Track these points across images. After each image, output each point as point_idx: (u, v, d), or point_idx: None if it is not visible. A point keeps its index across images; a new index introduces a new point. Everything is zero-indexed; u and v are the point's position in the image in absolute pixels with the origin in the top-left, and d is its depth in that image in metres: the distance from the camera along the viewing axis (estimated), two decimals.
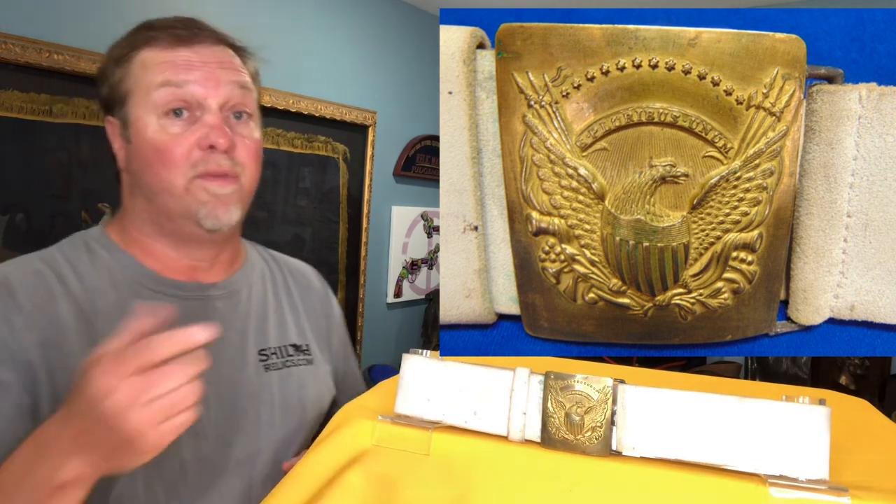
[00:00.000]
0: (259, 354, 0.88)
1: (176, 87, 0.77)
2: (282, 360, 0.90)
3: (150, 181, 0.79)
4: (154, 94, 0.78)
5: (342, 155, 2.64)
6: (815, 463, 0.47)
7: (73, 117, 1.81)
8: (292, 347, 0.93)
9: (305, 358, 0.93)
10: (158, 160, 0.78)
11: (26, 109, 1.72)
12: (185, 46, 0.79)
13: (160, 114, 0.78)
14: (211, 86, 0.79)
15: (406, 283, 3.00)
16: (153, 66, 0.78)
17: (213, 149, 0.78)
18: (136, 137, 0.79)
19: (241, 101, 0.81)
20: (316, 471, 0.60)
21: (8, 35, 1.66)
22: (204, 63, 0.79)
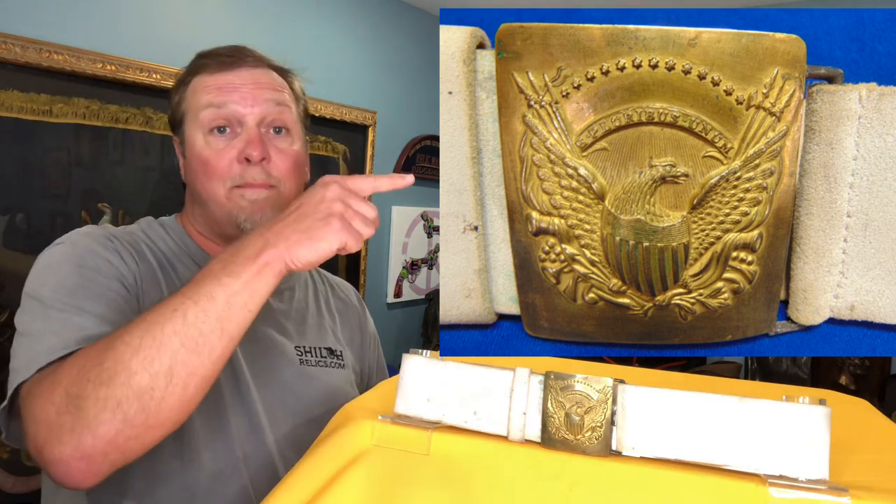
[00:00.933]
0: (296, 350, 0.95)
1: (217, 107, 0.88)
2: (315, 359, 0.97)
3: (199, 190, 0.90)
4: (200, 114, 0.89)
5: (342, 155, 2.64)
6: (815, 463, 0.47)
7: (73, 117, 1.81)
8: (327, 350, 1.00)
9: (338, 362, 1.00)
10: (204, 172, 0.89)
11: (26, 109, 1.72)
12: (228, 71, 0.90)
13: (206, 131, 0.89)
14: (248, 104, 0.88)
15: (406, 283, 3.00)
16: (201, 90, 0.90)
17: (248, 161, 0.87)
18: (188, 152, 0.91)
19: (278, 117, 0.91)
20: (316, 471, 0.60)
21: (8, 35, 1.66)
22: (242, 84, 0.89)
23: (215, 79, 0.90)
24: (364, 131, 2.71)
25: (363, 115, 2.68)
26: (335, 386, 0.97)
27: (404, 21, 2.90)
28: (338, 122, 2.58)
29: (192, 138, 0.90)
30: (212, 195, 0.89)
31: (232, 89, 0.89)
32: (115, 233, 0.88)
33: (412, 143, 2.93)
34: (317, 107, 2.47)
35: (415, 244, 3.02)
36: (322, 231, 0.71)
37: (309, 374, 0.94)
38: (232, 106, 0.88)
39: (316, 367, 0.96)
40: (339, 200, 0.72)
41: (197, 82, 0.91)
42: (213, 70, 0.90)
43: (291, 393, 0.92)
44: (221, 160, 0.88)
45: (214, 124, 0.88)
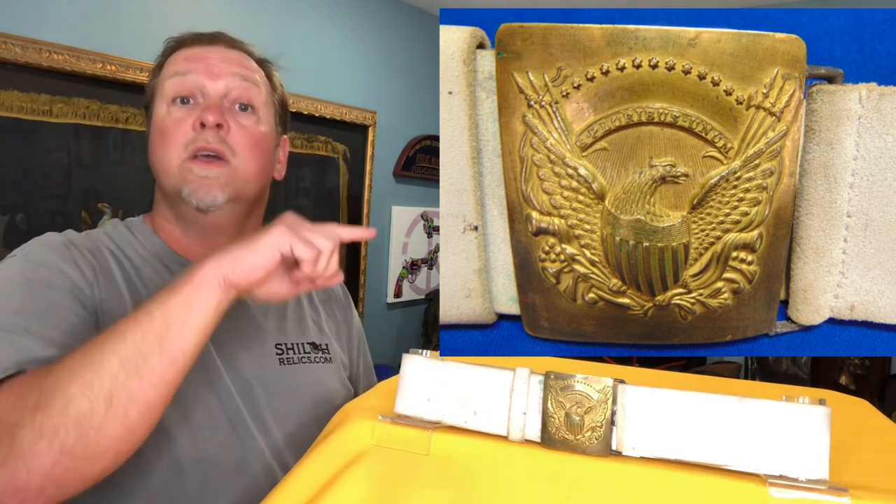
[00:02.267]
0: (275, 348, 0.91)
1: (181, 76, 0.84)
2: (298, 356, 0.93)
3: (155, 163, 0.86)
4: (165, 84, 0.85)
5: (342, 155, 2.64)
6: (815, 463, 0.47)
7: (73, 117, 1.81)
8: (310, 345, 0.95)
9: (324, 356, 0.96)
10: (160, 142, 0.84)
11: (26, 109, 1.72)
12: (200, 46, 0.87)
13: (169, 102, 0.84)
14: (212, 75, 0.85)
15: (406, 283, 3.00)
16: (170, 64, 0.87)
17: (203, 126, 0.82)
18: (150, 125, 0.87)
19: (244, 94, 0.87)
20: (316, 471, 0.60)
21: (8, 35, 1.66)
22: (208, 56, 0.86)
23: (186, 52, 0.87)
24: (364, 131, 2.71)
25: (363, 115, 2.68)
26: (322, 382, 0.93)
27: (404, 21, 2.90)
28: (338, 122, 2.58)
29: (156, 110, 0.86)
30: (165, 166, 0.84)
31: (198, 60, 0.86)
32: (75, 240, 0.83)
33: (412, 143, 2.93)
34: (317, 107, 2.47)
35: (415, 244, 3.02)
36: (264, 238, 0.67)
37: (293, 373, 0.91)
38: (195, 75, 0.85)
39: (299, 363, 0.92)
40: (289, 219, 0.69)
41: (170, 59, 0.88)
42: (188, 45, 0.88)
43: (276, 395, 0.88)
44: (179, 129, 0.83)
45: (178, 94, 0.84)
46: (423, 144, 2.98)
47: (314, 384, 0.92)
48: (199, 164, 0.83)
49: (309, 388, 0.91)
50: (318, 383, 0.92)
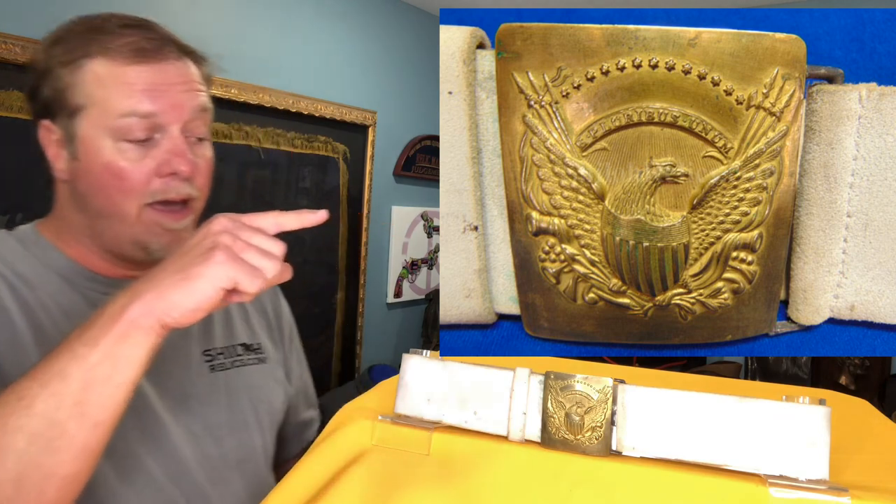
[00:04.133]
0: (204, 355, 0.84)
1: (143, 118, 0.73)
2: (230, 360, 0.86)
3: (101, 205, 0.75)
4: (117, 121, 0.73)
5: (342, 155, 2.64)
6: (815, 463, 0.47)
7: None
8: (241, 347, 0.89)
9: (257, 357, 0.90)
10: (114, 186, 0.73)
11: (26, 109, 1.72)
12: (149, 63, 0.74)
13: (119, 138, 0.73)
14: (176, 115, 0.75)
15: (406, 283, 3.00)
16: (114, 87, 0.73)
17: (173, 175, 0.74)
18: (86, 157, 0.74)
19: (203, 126, 0.78)
20: (316, 471, 0.60)
21: (8, 35, 1.66)
22: (170, 86, 0.75)
23: (137, 75, 0.73)
24: (364, 131, 2.71)
25: (363, 115, 2.68)
26: (258, 385, 0.88)
27: (404, 21, 2.90)
28: (338, 122, 2.58)
29: (96, 141, 0.73)
30: (119, 212, 0.74)
31: (159, 94, 0.73)
32: None
33: (412, 143, 2.93)
34: (317, 107, 2.47)
35: (415, 244, 3.02)
36: (200, 267, 0.56)
37: (226, 381, 0.84)
38: (161, 117, 0.73)
39: (232, 368, 0.85)
40: (225, 232, 0.58)
41: (104, 71, 0.73)
42: (127, 59, 0.73)
43: (212, 404, 0.82)
44: (137, 173, 0.73)
45: (135, 137, 0.73)
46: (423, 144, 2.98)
47: (250, 388, 0.87)
48: (168, 216, 0.75)
49: (245, 392, 0.86)
50: (253, 387, 0.87)
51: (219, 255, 0.56)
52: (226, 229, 0.58)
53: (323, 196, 2.59)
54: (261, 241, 0.59)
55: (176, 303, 0.56)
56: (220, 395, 0.83)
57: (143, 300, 0.57)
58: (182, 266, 0.57)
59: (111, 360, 0.56)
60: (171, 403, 0.78)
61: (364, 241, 2.75)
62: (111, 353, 0.56)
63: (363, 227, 2.74)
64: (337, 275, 2.67)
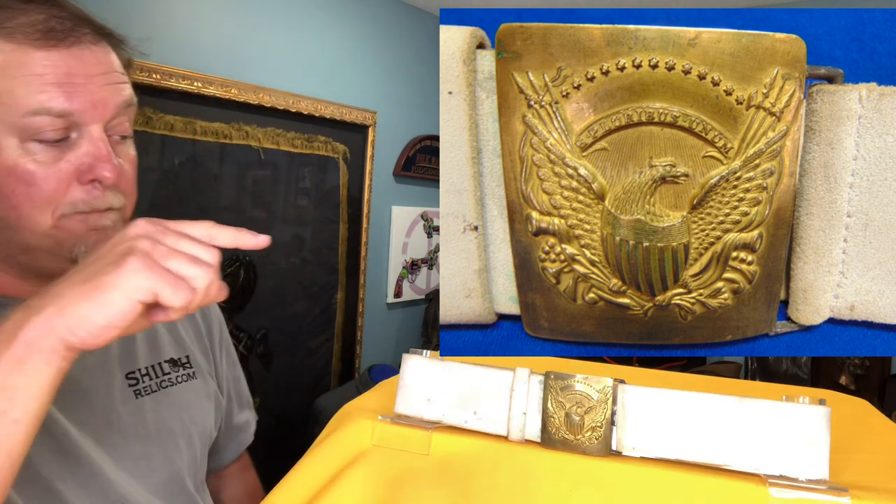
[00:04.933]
0: (127, 379, 0.76)
1: (57, 116, 0.62)
2: (157, 381, 0.78)
3: (5, 215, 0.63)
4: (23, 119, 0.61)
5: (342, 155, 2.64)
6: (815, 463, 0.47)
7: None
8: (168, 364, 0.80)
9: (186, 373, 0.82)
10: (22, 193, 0.62)
11: None
12: (59, 48, 0.62)
13: (25, 137, 0.62)
14: (97, 114, 0.64)
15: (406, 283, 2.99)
16: (18, 77, 0.61)
17: (94, 182, 0.64)
18: None
19: (127, 123, 0.69)
20: (316, 471, 0.60)
21: None
22: (88, 79, 0.63)
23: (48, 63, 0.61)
24: (364, 131, 2.71)
25: (363, 115, 2.68)
26: (188, 404, 0.80)
27: (404, 21, 2.90)
28: (338, 122, 2.58)
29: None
30: (27, 223, 0.63)
31: (75, 88, 0.62)
32: None
33: (412, 143, 2.93)
34: (317, 107, 2.47)
35: (415, 244, 3.02)
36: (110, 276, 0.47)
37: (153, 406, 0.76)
38: (78, 116, 0.62)
39: (160, 390, 0.77)
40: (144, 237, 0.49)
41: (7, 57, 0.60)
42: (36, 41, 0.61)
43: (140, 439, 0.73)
44: (51, 179, 0.62)
45: (46, 137, 0.62)
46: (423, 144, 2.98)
47: (180, 409, 0.79)
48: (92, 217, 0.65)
49: (175, 414, 0.78)
50: (184, 408, 0.80)
51: (133, 261, 0.47)
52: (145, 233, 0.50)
53: (323, 196, 2.59)
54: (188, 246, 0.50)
55: (82, 318, 0.47)
56: (148, 424, 0.75)
57: (42, 317, 0.47)
58: (89, 275, 0.48)
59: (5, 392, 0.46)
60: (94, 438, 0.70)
61: (364, 241, 2.75)
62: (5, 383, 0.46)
63: (363, 227, 2.74)
64: (337, 275, 2.67)
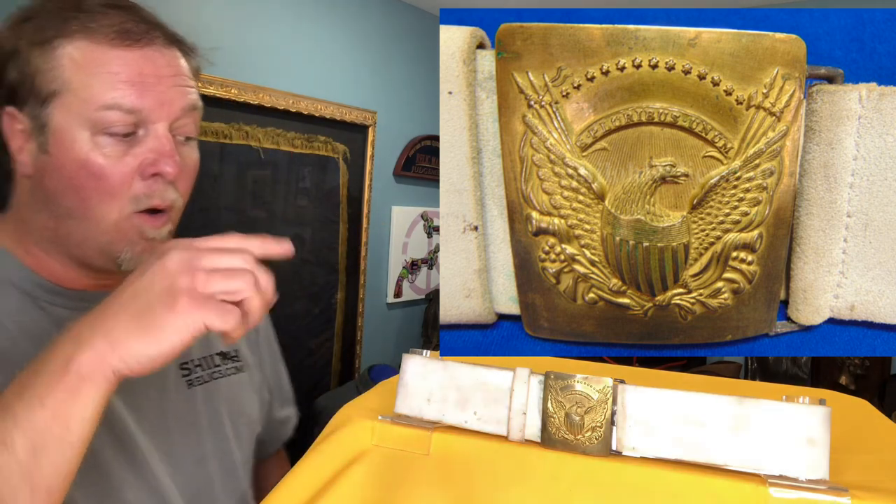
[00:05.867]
0: (181, 369, 0.79)
1: (128, 112, 0.66)
2: (208, 373, 0.82)
3: (72, 206, 0.67)
4: (97, 114, 0.65)
5: (342, 155, 2.64)
6: (815, 463, 0.47)
7: None
8: (219, 356, 0.84)
9: (235, 365, 0.86)
10: (92, 186, 0.66)
11: None
12: (136, 48, 0.66)
13: (97, 130, 0.66)
14: (164, 111, 0.68)
15: (406, 283, 2.99)
16: (96, 73, 0.65)
17: (156, 176, 0.68)
18: (57, 151, 0.66)
19: (192, 126, 0.72)
20: (316, 471, 0.60)
21: None
22: (158, 79, 0.67)
23: (122, 62, 0.65)
24: (364, 131, 2.71)
25: (363, 115, 2.68)
26: (235, 396, 0.84)
27: (404, 21, 2.90)
28: (338, 122, 2.58)
29: (70, 134, 0.65)
30: (95, 216, 0.67)
31: (146, 86, 0.66)
32: None
33: (412, 143, 2.93)
34: (317, 107, 2.47)
35: (415, 244, 3.02)
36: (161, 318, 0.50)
37: (205, 396, 0.80)
38: (147, 113, 0.66)
39: (210, 381, 0.81)
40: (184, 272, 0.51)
41: (84, 54, 0.65)
42: (112, 41, 0.65)
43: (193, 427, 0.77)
44: (117, 172, 0.66)
45: (117, 131, 0.66)
46: (423, 144, 2.98)
47: (228, 401, 0.83)
48: (150, 222, 0.69)
49: (224, 406, 0.82)
50: (231, 399, 0.84)
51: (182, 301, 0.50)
52: (184, 267, 0.51)
53: (323, 196, 2.59)
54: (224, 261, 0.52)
55: (135, 354, 0.50)
56: (200, 414, 0.79)
57: (94, 351, 0.50)
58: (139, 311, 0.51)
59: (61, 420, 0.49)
60: (150, 428, 0.73)
61: (364, 241, 2.75)
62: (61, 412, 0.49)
63: (363, 227, 2.74)
64: (337, 275, 2.67)
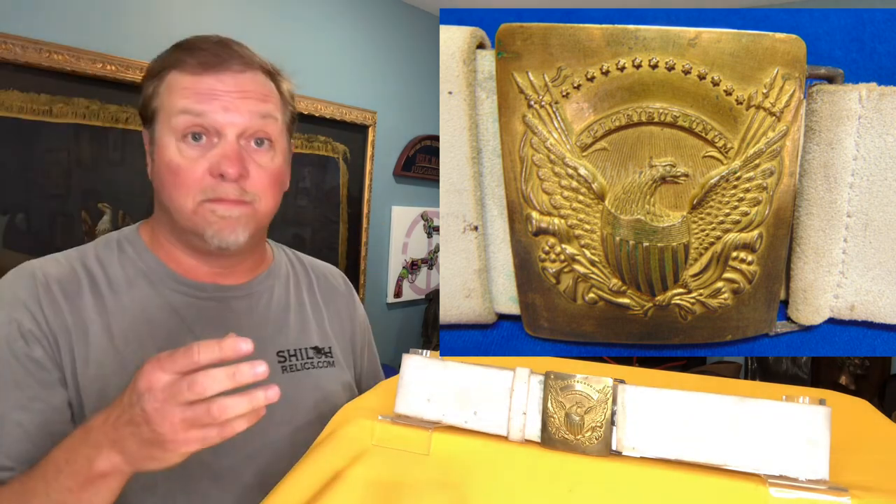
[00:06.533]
0: (277, 356, 0.89)
1: (195, 115, 0.80)
2: (301, 362, 0.91)
3: (165, 199, 0.83)
4: (174, 119, 0.80)
5: (342, 155, 2.64)
6: (815, 463, 0.47)
7: (73, 117, 1.81)
8: (313, 350, 0.94)
9: (327, 360, 0.95)
10: (172, 182, 0.81)
11: (26, 109, 1.72)
12: (210, 73, 0.81)
13: (179, 137, 0.80)
14: (229, 116, 0.80)
15: (406, 283, 2.99)
16: (178, 92, 0.81)
17: (222, 177, 0.80)
18: (158, 156, 0.83)
19: (262, 129, 0.83)
20: (316, 471, 0.60)
21: (8, 35, 1.66)
22: (226, 92, 0.81)
23: (195, 81, 0.81)
24: (364, 131, 2.71)
25: (363, 115, 2.68)
26: (324, 387, 0.92)
27: (404, 21, 2.90)
28: (338, 122, 2.58)
29: (164, 142, 0.82)
30: (178, 206, 0.81)
31: (212, 97, 0.80)
32: (48, 272, 0.80)
33: (412, 143, 2.93)
34: (317, 107, 2.47)
35: (415, 244, 3.02)
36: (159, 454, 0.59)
37: (296, 380, 0.89)
38: (211, 116, 0.80)
39: (302, 370, 0.91)
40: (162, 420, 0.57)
41: (174, 79, 0.82)
42: (194, 69, 0.81)
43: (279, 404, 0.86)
44: (192, 171, 0.80)
45: (189, 132, 0.80)
46: (423, 144, 2.98)
47: (315, 389, 0.91)
48: (222, 204, 0.81)
49: (311, 393, 0.90)
50: (319, 388, 0.91)
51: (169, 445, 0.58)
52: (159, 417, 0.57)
53: (323, 196, 2.59)
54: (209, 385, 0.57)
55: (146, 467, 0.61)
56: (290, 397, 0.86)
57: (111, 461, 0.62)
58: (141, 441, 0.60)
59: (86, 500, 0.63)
60: None
61: (364, 241, 2.75)
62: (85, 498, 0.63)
63: (363, 227, 2.74)
64: None
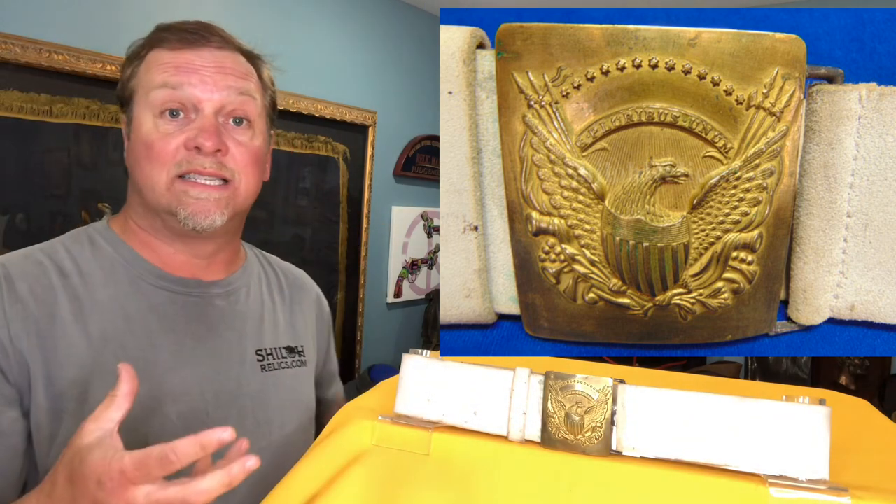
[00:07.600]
0: (256, 354, 0.89)
1: (172, 88, 0.78)
2: (276, 362, 0.91)
3: (138, 176, 0.81)
4: (152, 94, 0.79)
5: (342, 155, 2.64)
6: (815, 463, 0.47)
7: (73, 117, 1.81)
8: (286, 350, 0.93)
9: (299, 360, 0.94)
10: (146, 156, 0.79)
11: (26, 109, 1.72)
12: (189, 49, 0.80)
13: (156, 114, 0.79)
14: (207, 90, 0.79)
15: (406, 283, 2.99)
16: (156, 67, 0.80)
17: (198, 150, 0.78)
18: (133, 134, 0.81)
19: (240, 107, 0.82)
20: (316, 471, 0.60)
21: (8, 35, 1.66)
22: (203, 66, 0.80)
23: (174, 56, 0.79)
24: (364, 131, 2.71)
25: (363, 115, 2.68)
26: (297, 388, 0.92)
27: (404, 21, 2.90)
28: (338, 122, 2.58)
29: (140, 119, 0.79)
30: (151, 182, 0.78)
31: (191, 70, 0.79)
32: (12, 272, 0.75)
33: (412, 143, 2.93)
34: (317, 107, 2.47)
35: (415, 244, 3.02)
36: None
37: (274, 381, 0.88)
38: (189, 89, 0.78)
39: (279, 369, 0.90)
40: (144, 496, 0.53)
41: (153, 57, 0.81)
42: (173, 46, 0.80)
43: (263, 407, 0.86)
44: (167, 144, 0.78)
45: (167, 107, 0.78)
46: (423, 144, 2.98)
47: (291, 390, 0.90)
48: (196, 187, 0.79)
49: (287, 393, 0.90)
50: (293, 389, 0.91)
51: None
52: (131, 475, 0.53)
53: (323, 196, 2.59)
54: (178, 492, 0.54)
55: None
56: (269, 396, 0.87)
57: None
58: None
59: None
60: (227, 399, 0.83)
61: (364, 241, 2.75)
62: None
63: (363, 227, 2.74)
64: (337, 275, 2.67)
